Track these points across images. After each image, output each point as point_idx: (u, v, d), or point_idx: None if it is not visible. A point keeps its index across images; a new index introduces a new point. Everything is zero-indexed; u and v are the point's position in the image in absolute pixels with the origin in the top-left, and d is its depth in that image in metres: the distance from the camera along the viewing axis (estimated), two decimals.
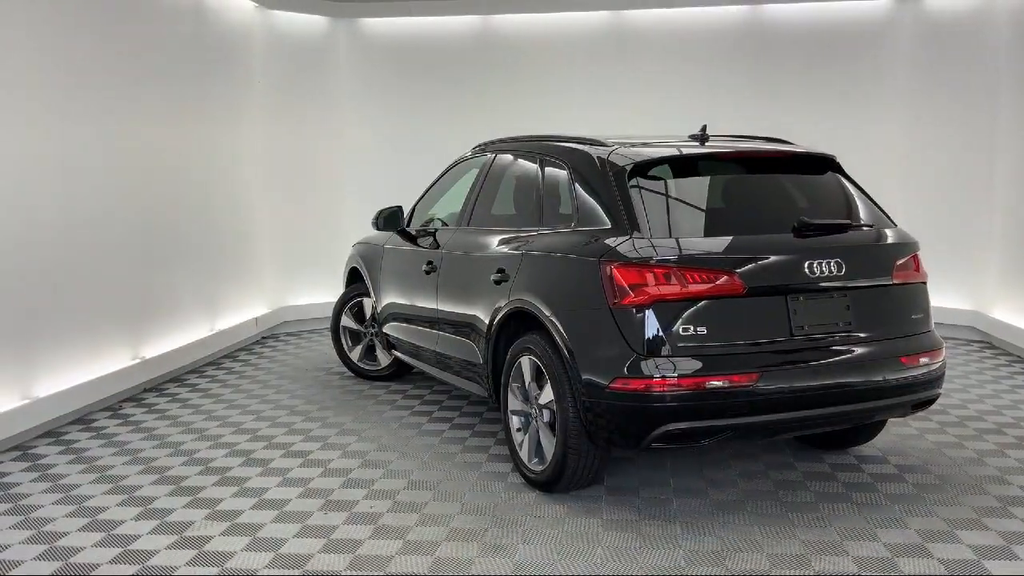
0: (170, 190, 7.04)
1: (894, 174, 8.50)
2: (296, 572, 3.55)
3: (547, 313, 4.25)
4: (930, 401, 4.35)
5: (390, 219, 6.08)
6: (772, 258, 3.98)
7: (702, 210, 4.43)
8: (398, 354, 6.27)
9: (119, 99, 6.34)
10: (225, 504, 4.28)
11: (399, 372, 6.71)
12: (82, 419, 5.74)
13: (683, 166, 4.48)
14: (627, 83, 8.85)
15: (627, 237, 4.04)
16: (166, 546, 3.81)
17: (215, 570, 3.58)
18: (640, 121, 8.35)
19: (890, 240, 4.35)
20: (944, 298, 8.33)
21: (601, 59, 8.91)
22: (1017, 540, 3.76)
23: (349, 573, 3.54)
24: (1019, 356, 7.29)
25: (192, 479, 4.64)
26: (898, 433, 5.23)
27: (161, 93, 6.93)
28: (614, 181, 4.26)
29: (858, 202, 4.49)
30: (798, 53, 8.67)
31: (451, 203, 5.92)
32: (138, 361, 6.44)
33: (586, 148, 4.60)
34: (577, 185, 4.50)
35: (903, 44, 8.47)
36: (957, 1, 8.14)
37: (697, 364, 3.81)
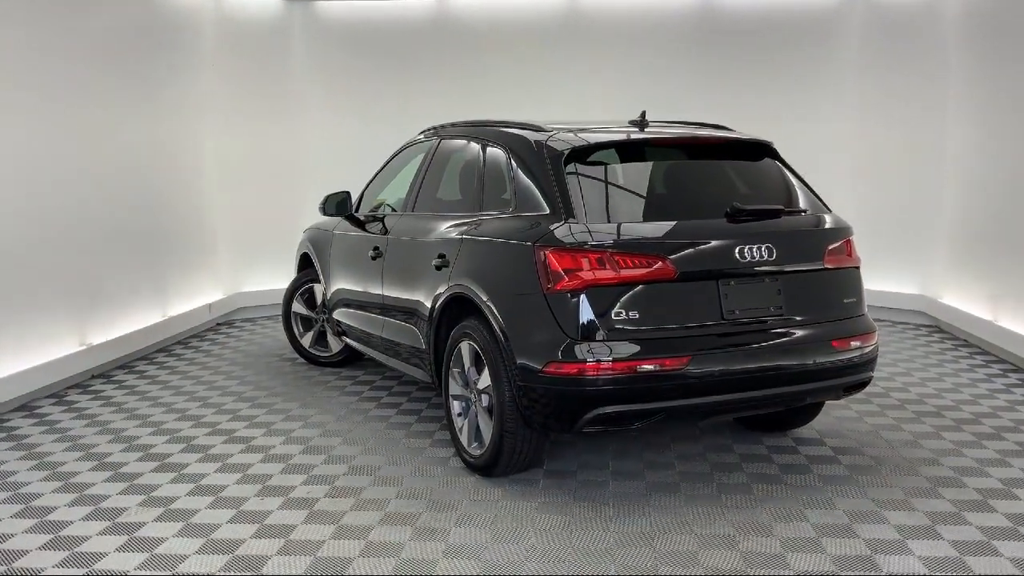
0: (119, 175, 6.97)
1: (845, 161, 8.60)
2: (225, 557, 3.56)
3: (484, 298, 4.27)
4: (862, 384, 4.41)
5: (338, 204, 6.06)
6: (704, 243, 4.02)
7: (639, 195, 4.46)
8: (347, 340, 6.26)
9: (64, 85, 6.25)
10: (162, 491, 4.27)
11: (350, 358, 6.70)
12: (25, 406, 5.69)
13: (621, 151, 4.51)
14: (581, 68, 8.85)
15: (563, 222, 4.05)
16: (98, 532, 3.80)
17: (144, 555, 3.58)
18: (593, 107, 8.36)
19: (822, 225, 4.39)
20: (894, 283, 8.47)
21: (555, 44, 8.90)
22: (942, 520, 3.83)
23: (279, 558, 3.55)
24: (965, 340, 7.41)
25: (131, 465, 4.62)
26: (837, 415, 5.31)
27: (108, 78, 6.84)
28: (551, 166, 4.27)
29: (793, 188, 4.53)
30: (750, 41, 8.72)
31: (400, 188, 5.91)
32: (85, 347, 6.39)
33: (525, 133, 4.61)
34: (516, 170, 4.51)
35: (853, 32, 8.54)
36: None
37: (629, 348, 3.84)
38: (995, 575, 3.34)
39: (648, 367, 3.82)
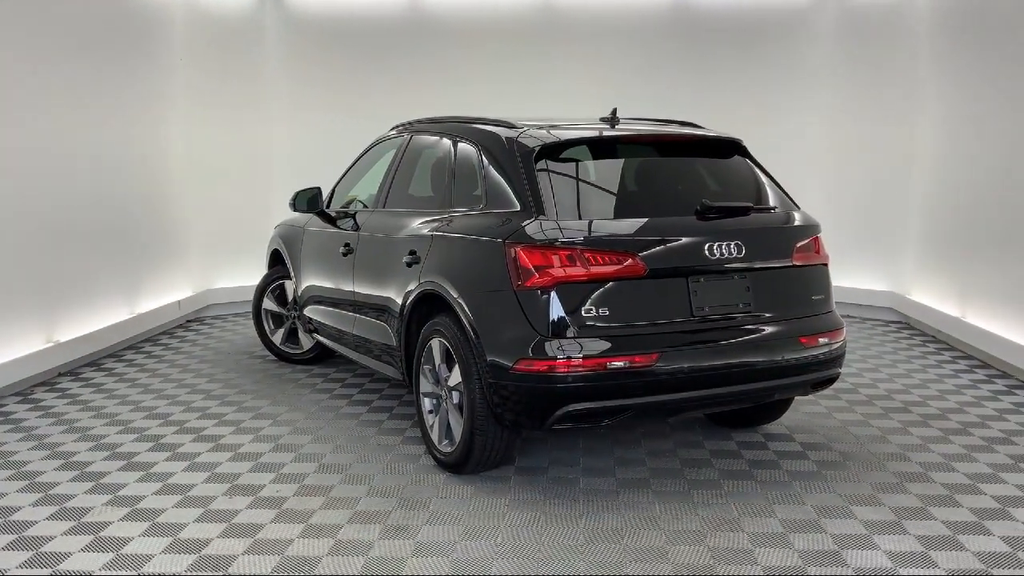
0: (87, 171, 6.88)
1: (816, 159, 8.67)
2: (192, 557, 3.52)
3: (455, 295, 4.25)
4: (830, 380, 4.44)
5: (309, 200, 6.02)
6: (674, 240, 4.03)
7: (609, 192, 4.46)
8: (319, 337, 6.22)
9: (32, 80, 6.16)
10: (128, 490, 4.22)
11: (322, 355, 6.66)
12: None
13: (591, 148, 4.51)
14: (554, 66, 8.86)
15: (533, 219, 4.05)
16: (63, 532, 3.75)
17: (109, 555, 3.54)
18: (565, 104, 8.36)
19: (791, 223, 4.42)
20: (863, 280, 8.55)
21: (528, 41, 8.90)
22: (908, 515, 3.87)
23: (246, 557, 3.52)
24: (934, 337, 7.49)
25: (97, 464, 4.57)
26: (807, 411, 5.35)
27: (78, 73, 6.75)
28: (521, 163, 4.26)
29: (763, 185, 4.56)
30: (722, 39, 8.77)
31: (371, 184, 5.88)
32: (52, 344, 6.30)
33: (496, 129, 4.60)
34: (487, 167, 4.50)
35: (825, 32, 8.60)
36: None
37: (599, 345, 3.84)
38: (960, 570, 3.38)
39: (618, 364, 3.83)
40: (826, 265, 4.48)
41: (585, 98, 8.50)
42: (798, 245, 4.32)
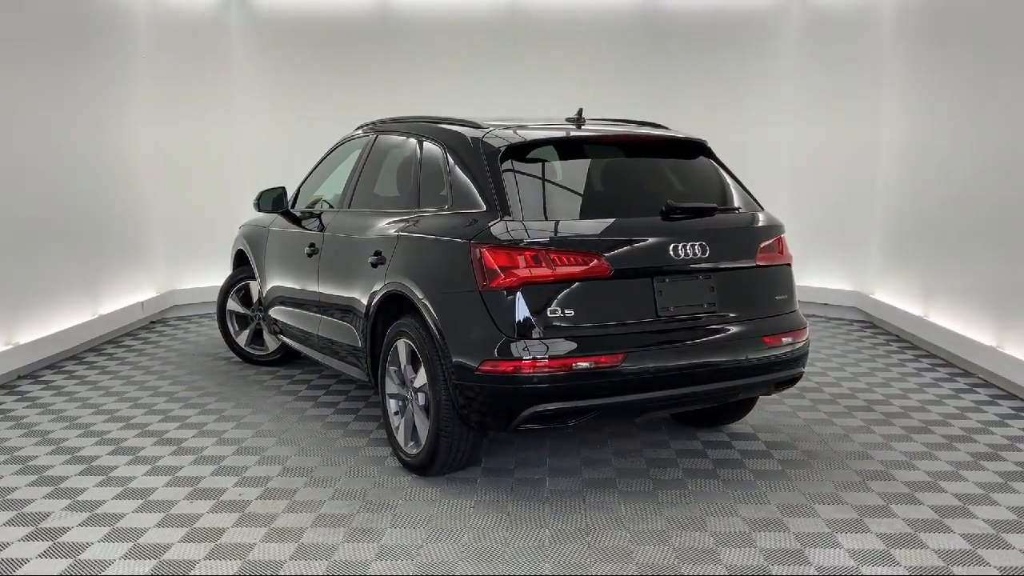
0: (49, 170, 6.76)
1: (781, 160, 8.74)
2: (152, 562, 3.47)
3: (420, 296, 4.23)
4: (793, 380, 4.48)
5: (273, 201, 5.97)
6: (639, 241, 4.03)
7: (575, 193, 4.46)
8: (284, 339, 6.16)
9: None
10: (87, 494, 4.15)
11: (287, 357, 6.61)
12: None
13: (557, 149, 4.50)
14: (521, 66, 8.86)
15: (499, 219, 4.03)
16: (20, 538, 3.68)
17: (68, 561, 3.47)
18: (532, 104, 8.36)
19: (755, 223, 4.45)
20: (828, 280, 8.64)
21: (496, 41, 8.88)
22: (870, 513, 3.91)
23: (207, 562, 3.47)
24: (897, 336, 7.57)
25: (56, 469, 4.49)
26: (771, 410, 5.38)
27: (40, 72, 6.63)
28: (487, 163, 4.25)
29: (728, 186, 4.58)
30: (689, 40, 8.81)
31: (337, 184, 5.83)
32: (11, 347, 6.19)
33: (462, 129, 4.58)
34: (453, 167, 4.48)
35: (790, 34, 8.68)
36: None
37: (565, 346, 3.84)
38: (921, 567, 3.41)
39: (584, 364, 3.82)
40: (789, 265, 4.52)
41: (553, 98, 8.50)
42: (762, 245, 4.35)
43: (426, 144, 4.80)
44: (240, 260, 6.76)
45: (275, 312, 6.11)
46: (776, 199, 6.75)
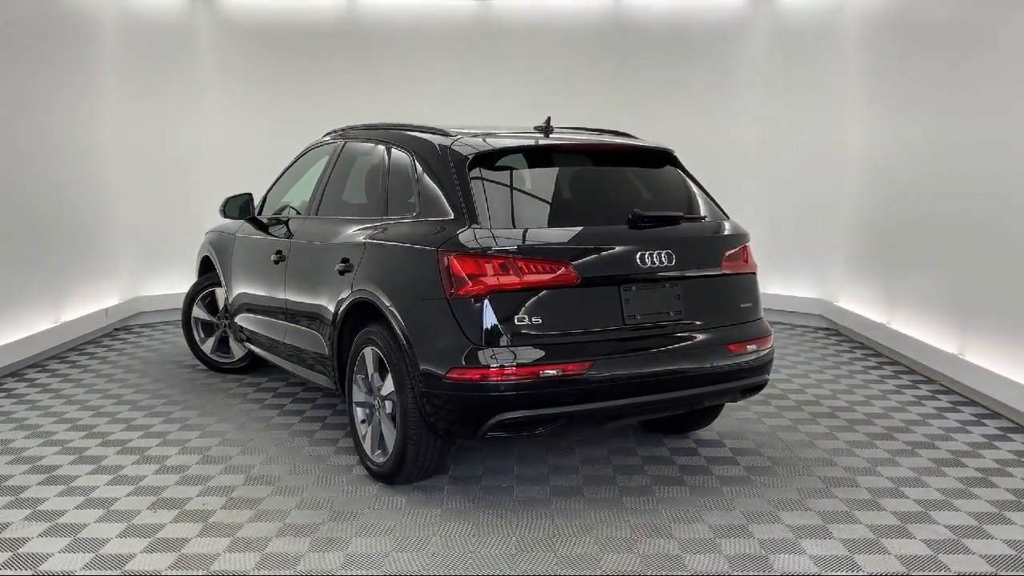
0: (12, 174, 6.66)
1: (748, 168, 8.82)
2: (113, 572, 3.42)
3: (388, 303, 4.22)
4: (759, 387, 4.52)
5: (240, 207, 5.92)
6: (606, 249, 4.05)
7: (543, 201, 4.47)
8: (250, 346, 6.12)
9: None
10: (48, 504, 4.09)
11: (253, 364, 6.55)
12: None
13: (526, 157, 4.51)
14: (491, 73, 8.88)
15: (467, 227, 4.03)
16: None
17: (27, 573, 3.42)
18: (501, 111, 8.37)
19: (720, 232, 4.49)
20: (793, 287, 8.73)
21: (465, 48, 8.91)
22: (833, 519, 3.95)
23: (170, 573, 3.43)
24: (862, 343, 7.67)
25: (16, 478, 4.42)
26: (737, 417, 5.42)
27: (2, 74, 6.53)
28: (455, 171, 4.25)
29: (694, 194, 4.62)
30: (657, 49, 8.88)
31: (304, 190, 5.80)
32: None
33: (430, 137, 4.58)
34: (421, 174, 4.48)
35: (757, 42, 8.77)
36: (809, 0, 8.48)
37: (532, 354, 3.84)
38: (883, 572, 3.45)
39: (551, 372, 3.83)
40: (754, 274, 4.56)
41: (522, 105, 8.55)
42: (727, 254, 4.39)
43: (394, 151, 4.80)
44: (206, 267, 6.70)
45: (241, 319, 6.07)
46: (741, 208, 6.81)
